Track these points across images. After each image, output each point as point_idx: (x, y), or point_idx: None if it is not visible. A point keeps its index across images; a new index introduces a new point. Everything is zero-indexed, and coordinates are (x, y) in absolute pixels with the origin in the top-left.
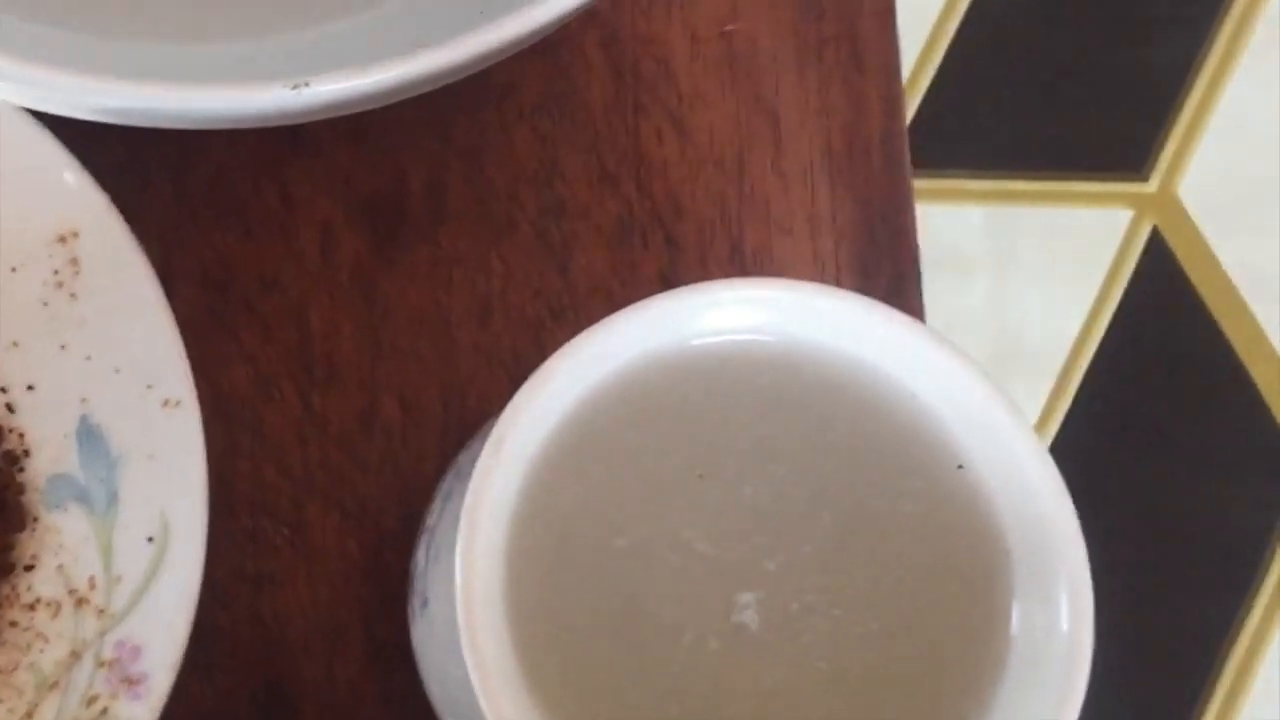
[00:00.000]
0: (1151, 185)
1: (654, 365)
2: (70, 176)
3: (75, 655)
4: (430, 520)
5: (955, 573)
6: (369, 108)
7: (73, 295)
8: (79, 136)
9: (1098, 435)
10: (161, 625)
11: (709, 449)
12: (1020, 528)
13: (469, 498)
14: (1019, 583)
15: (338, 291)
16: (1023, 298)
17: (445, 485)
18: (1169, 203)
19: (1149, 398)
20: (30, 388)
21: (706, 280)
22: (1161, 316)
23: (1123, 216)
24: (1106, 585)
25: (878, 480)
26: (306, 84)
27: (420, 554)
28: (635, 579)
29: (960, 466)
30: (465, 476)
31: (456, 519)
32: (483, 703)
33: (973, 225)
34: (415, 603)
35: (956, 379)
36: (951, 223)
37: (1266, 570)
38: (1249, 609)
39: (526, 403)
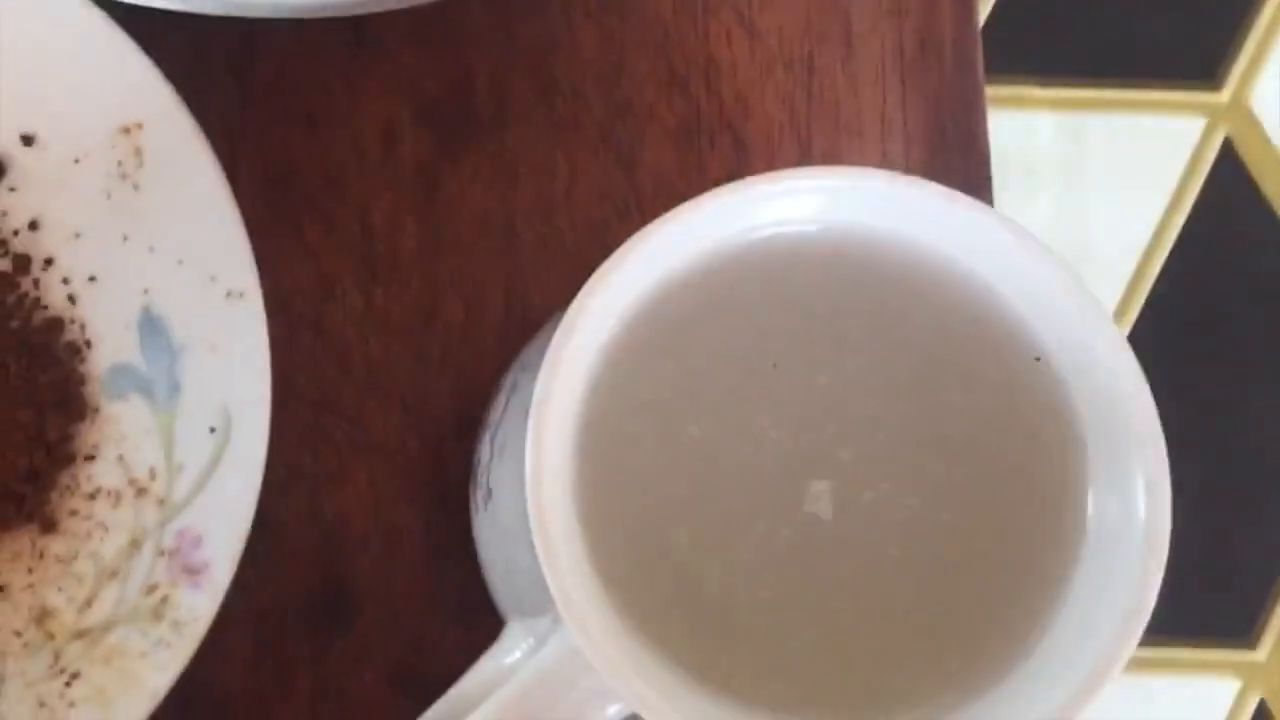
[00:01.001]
0: (1224, 95)
1: (726, 255)
2: (136, 68)
3: (135, 544)
4: (493, 414)
5: (1030, 464)
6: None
7: (136, 187)
8: (145, 29)
9: (1166, 344)
10: (223, 515)
11: (782, 339)
12: (1097, 419)
13: (539, 386)
14: (1094, 474)
15: (401, 188)
16: (1092, 206)
17: (510, 379)
18: (1241, 113)
19: (1218, 308)
20: (92, 279)
21: None
22: (1232, 227)
23: (1195, 126)
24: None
25: (953, 371)
26: None
27: (484, 448)
28: (708, 468)
29: (1038, 358)
30: (532, 368)
31: (524, 409)
32: (552, 589)
33: (1042, 132)
34: (478, 496)
35: (1035, 269)
36: (1021, 130)
37: None
38: None
39: (598, 290)
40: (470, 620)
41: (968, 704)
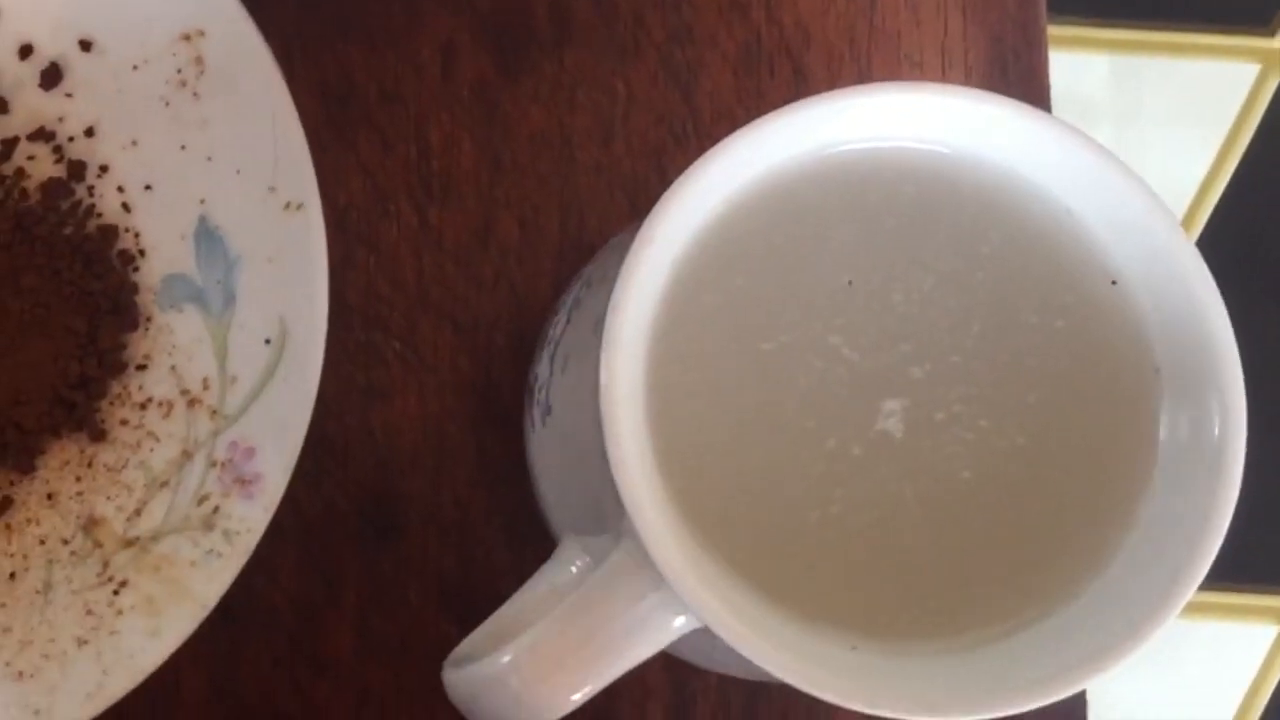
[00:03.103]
0: (1278, 41)
1: (801, 171)
2: None
3: (187, 455)
4: (554, 331)
5: (1103, 387)
6: None
7: (195, 95)
8: None
9: (1219, 284)
10: (276, 427)
11: (857, 256)
12: (1172, 343)
13: (616, 292)
14: (1167, 398)
15: (458, 107)
16: (1147, 147)
17: (572, 295)
18: None
19: (1270, 253)
20: (148, 187)
21: None
22: None
23: (1249, 70)
24: None
25: (1028, 293)
26: None
27: (542, 365)
28: (779, 383)
29: (1114, 282)
30: (596, 285)
31: (589, 324)
32: (623, 495)
33: (1098, 73)
34: (535, 414)
35: (1115, 191)
36: (1078, 70)
37: None
38: None
39: (673, 203)
40: (519, 542)
41: (1039, 622)
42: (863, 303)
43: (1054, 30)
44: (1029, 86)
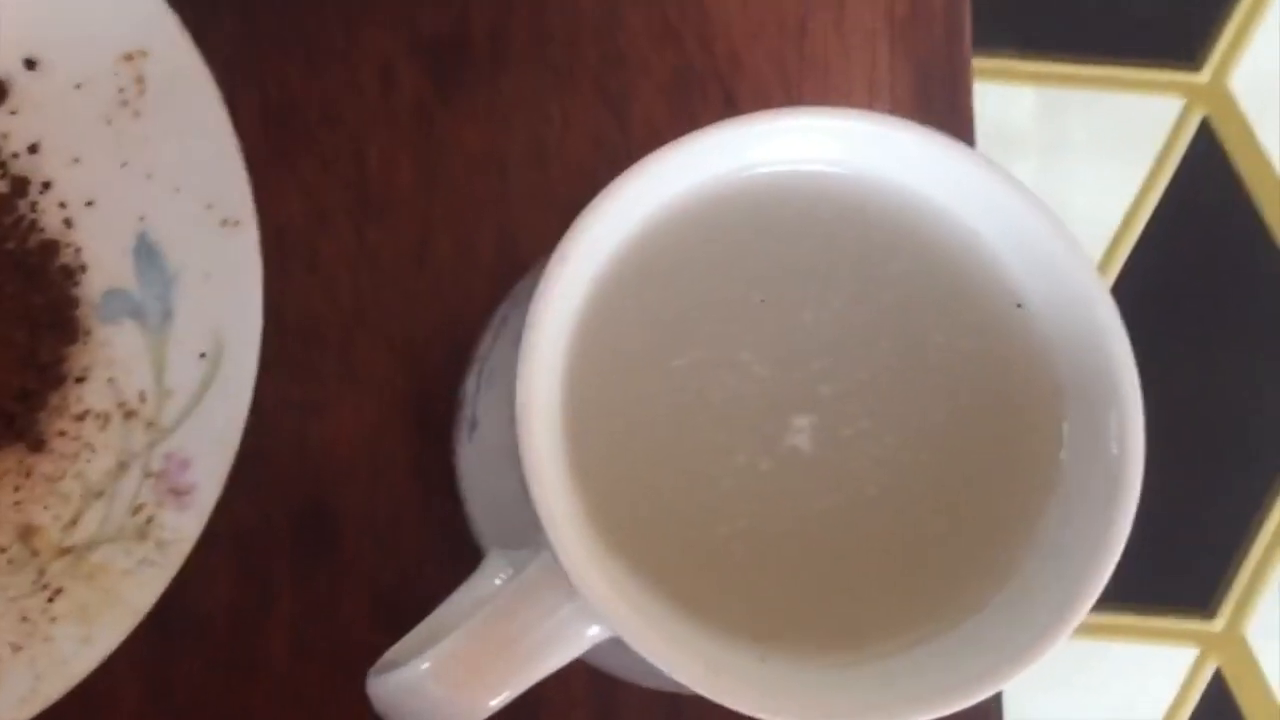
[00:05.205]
0: (1204, 75)
1: (717, 192)
2: None
3: (123, 466)
4: (482, 348)
5: (1007, 407)
6: None
7: (137, 113)
8: None
9: (1136, 319)
10: (211, 439)
11: (770, 275)
12: (1074, 365)
13: (533, 311)
14: (1069, 417)
15: (397, 128)
16: (1073, 179)
17: (500, 313)
18: (1220, 94)
19: (1189, 286)
20: (89, 204)
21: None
22: (1207, 208)
23: (1174, 105)
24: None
25: (936, 313)
26: None
27: (471, 381)
28: (691, 399)
29: (1019, 305)
30: (522, 304)
31: (514, 341)
32: (537, 509)
33: (1025, 106)
34: (463, 428)
35: (1021, 215)
36: (1004, 102)
37: None
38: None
39: (591, 221)
40: (453, 552)
41: (943, 635)
42: (774, 320)
43: (981, 63)
44: (953, 117)
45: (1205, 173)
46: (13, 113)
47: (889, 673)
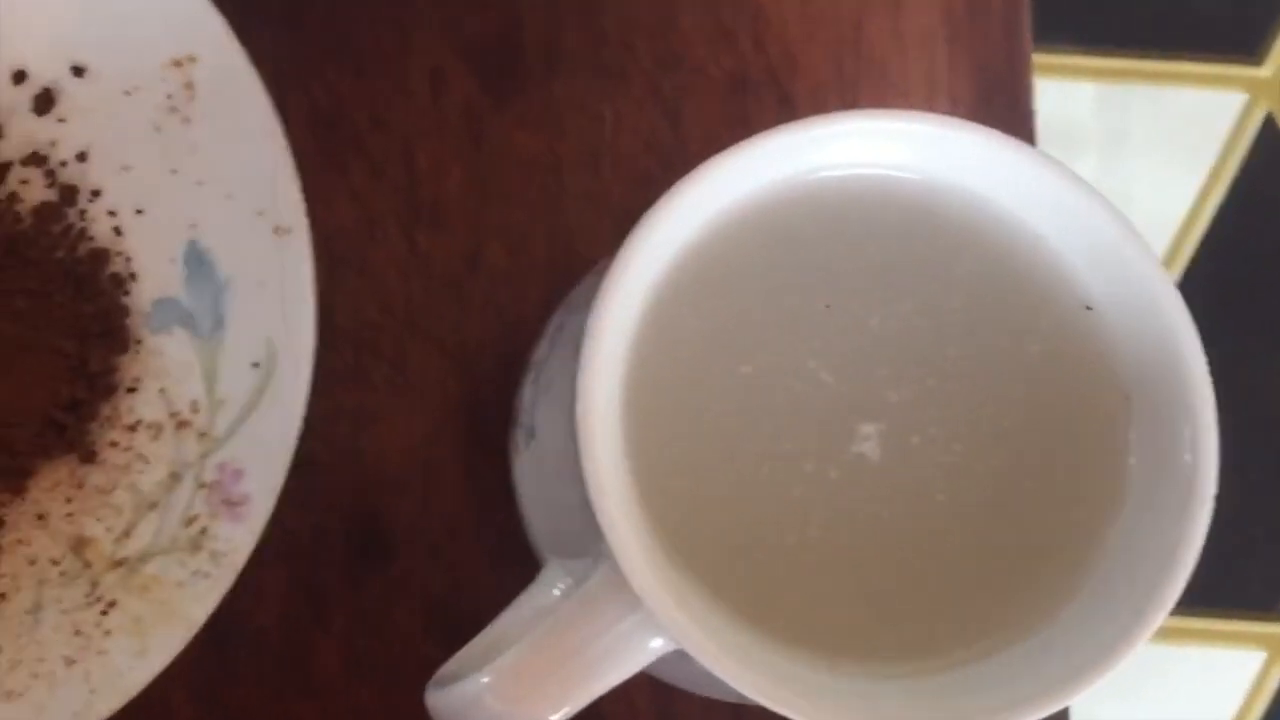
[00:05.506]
0: (1267, 70)
1: (777, 196)
2: (189, 1)
3: (175, 477)
4: (538, 354)
5: (1076, 412)
6: None
7: (186, 120)
8: None
9: (1201, 317)
10: (264, 449)
11: (835, 280)
12: (1145, 368)
13: (593, 317)
14: (1139, 423)
15: (447, 133)
16: (1132, 176)
17: (556, 319)
18: None
19: (1254, 283)
20: (139, 212)
21: None
22: (1272, 204)
23: (1236, 100)
24: None
25: (1003, 318)
26: None
27: (526, 389)
28: (757, 406)
29: (1088, 307)
30: (579, 309)
31: (571, 348)
32: (600, 519)
33: (1084, 102)
34: (519, 436)
35: (1087, 218)
36: (1064, 98)
37: None
38: None
39: (653, 226)
40: (506, 563)
41: (1014, 645)
42: (840, 326)
43: (1041, 58)
44: (1013, 115)
45: (1269, 169)
46: (61, 120)
47: (959, 684)
